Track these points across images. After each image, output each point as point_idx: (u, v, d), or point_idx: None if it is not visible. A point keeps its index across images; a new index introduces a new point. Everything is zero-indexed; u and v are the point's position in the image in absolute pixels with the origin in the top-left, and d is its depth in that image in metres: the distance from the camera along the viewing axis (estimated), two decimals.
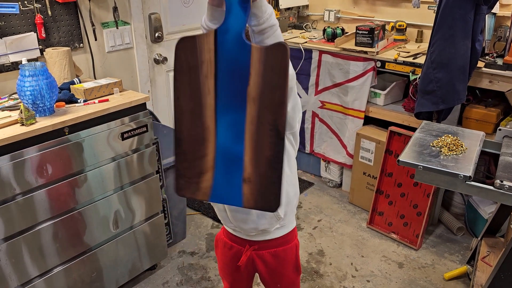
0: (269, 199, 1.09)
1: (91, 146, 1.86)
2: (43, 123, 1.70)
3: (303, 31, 3.47)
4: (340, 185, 3.28)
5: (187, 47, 1.03)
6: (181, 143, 1.10)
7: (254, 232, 1.38)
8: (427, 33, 2.87)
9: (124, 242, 2.13)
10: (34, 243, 1.77)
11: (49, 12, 2.07)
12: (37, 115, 1.74)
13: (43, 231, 1.78)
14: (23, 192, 1.69)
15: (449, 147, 1.70)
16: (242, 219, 1.35)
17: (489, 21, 2.50)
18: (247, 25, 1.04)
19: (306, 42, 3.10)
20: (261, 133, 1.04)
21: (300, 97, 3.20)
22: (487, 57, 2.46)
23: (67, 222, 1.86)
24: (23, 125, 1.67)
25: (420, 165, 1.60)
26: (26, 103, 1.70)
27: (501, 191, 1.48)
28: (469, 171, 1.54)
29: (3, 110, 1.81)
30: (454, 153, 1.67)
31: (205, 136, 1.08)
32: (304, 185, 3.31)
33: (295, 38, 3.21)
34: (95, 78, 2.33)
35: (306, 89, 3.18)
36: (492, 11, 2.42)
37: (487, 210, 2.57)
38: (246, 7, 1.00)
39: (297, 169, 3.47)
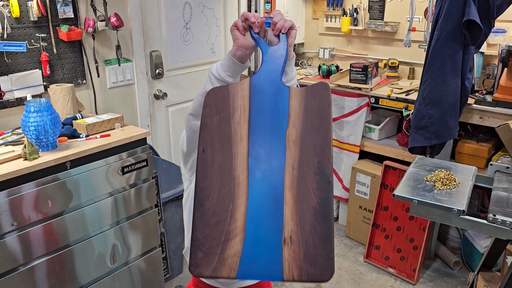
0: (318, 262, 0.88)
1: (92, 180, 1.89)
2: (46, 158, 1.73)
3: (299, 67, 3.57)
4: (337, 218, 3.30)
5: (218, 97, 0.98)
6: (204, 203, 0.93)
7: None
8: (419, 71, 2.98)
9: (121, 277, 2.12)
10: (29, 280, 1.76)
11: (55, 50, 2.14)
12: (40, 150, 1.78)
13: (38, 267, 1.78)
14: (22, 227, 1.70)
15: (442, 182, 1.74)
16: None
17: (477, 59, 2.61)
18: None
19: (302, 78, 3.19)
20: (305, 179, 0.92)
21: None
22: (477, 94, 2.55)
23: (63, 257, 1.86)
24: (26, 159, 1.70)
25: (415, 199, 1.64)
26: (30, 138, 1.74)
27: (494, 225, 1.52)
28: (462, 205, 1.57)
29: (6, 145, 1.84)
30: (448, 187, 1.72)
31: (234, 191, 0.93)
32: None
33: None
34: (97, 113, 2.38)
35: None
36: (480, 51, 2.52)
37: (483, 244, 2.59)
38: (284, 54, 1.02)
39: None
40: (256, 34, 1.04)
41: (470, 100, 2.47)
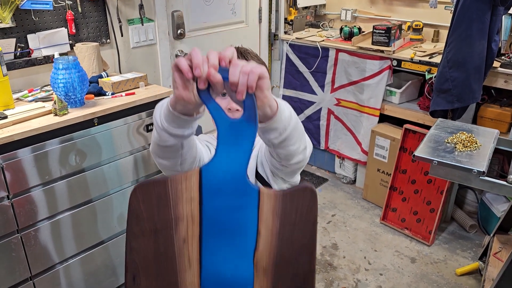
0: None
1: (118, 136, 1.95)
2: (75, 114, 1.79)
3: (320, 29, 3.53)
4: (354, 181, 3.34)
5: (150, 197, 0.67)
6: None
7: None
8: (444, 33, 2.91)
9: None
10: (55, 232, 1.86)
11: (79, 9, 2.16)
12: (69, 106, 1.84)
13: (63, 220, 1.88)
14: (55, 179, 1.78)
15: (463, 144, 1.75)
16: None
17: (505, 21, 2.53)
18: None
19: (323, 40, 3.16)
20: None
21: (315, 94, 3.28)
22: (503, 57, 2.50)
23: (91, 210, 1.95)
24: (56, 115, 1.76)
25: (435, 160, 1.66)
26: (59, 95, 1.79)
27: None
28: (483, 166, 1.59)
29: (36, 101, 1.91)
30: (469, 149, 1.73)
31: None
32: (318, 181, 3.37)
33: (312, 36, 3.27)
34: (120, 73, 2.42)
35: (322, 86, 3.24)
36: (509, 12, 2.45)
37: (500, 208, 2.61)
38: (252, 132, 0.65)
39: (312, 165, 3.51)
40: (205, 92, 0.64)
41: (496, 64, 2.42)
